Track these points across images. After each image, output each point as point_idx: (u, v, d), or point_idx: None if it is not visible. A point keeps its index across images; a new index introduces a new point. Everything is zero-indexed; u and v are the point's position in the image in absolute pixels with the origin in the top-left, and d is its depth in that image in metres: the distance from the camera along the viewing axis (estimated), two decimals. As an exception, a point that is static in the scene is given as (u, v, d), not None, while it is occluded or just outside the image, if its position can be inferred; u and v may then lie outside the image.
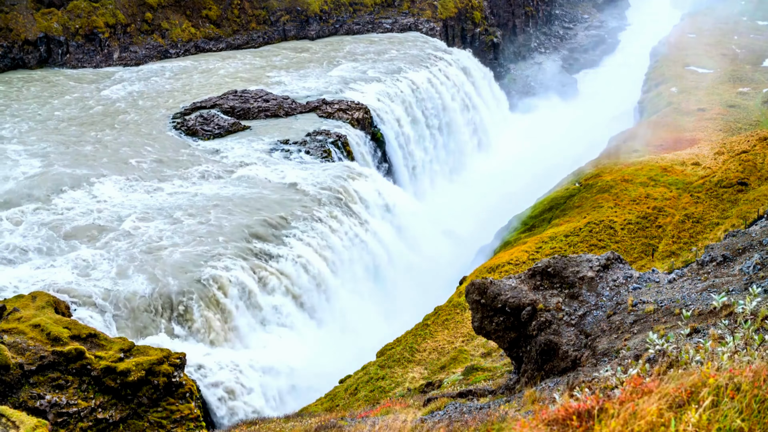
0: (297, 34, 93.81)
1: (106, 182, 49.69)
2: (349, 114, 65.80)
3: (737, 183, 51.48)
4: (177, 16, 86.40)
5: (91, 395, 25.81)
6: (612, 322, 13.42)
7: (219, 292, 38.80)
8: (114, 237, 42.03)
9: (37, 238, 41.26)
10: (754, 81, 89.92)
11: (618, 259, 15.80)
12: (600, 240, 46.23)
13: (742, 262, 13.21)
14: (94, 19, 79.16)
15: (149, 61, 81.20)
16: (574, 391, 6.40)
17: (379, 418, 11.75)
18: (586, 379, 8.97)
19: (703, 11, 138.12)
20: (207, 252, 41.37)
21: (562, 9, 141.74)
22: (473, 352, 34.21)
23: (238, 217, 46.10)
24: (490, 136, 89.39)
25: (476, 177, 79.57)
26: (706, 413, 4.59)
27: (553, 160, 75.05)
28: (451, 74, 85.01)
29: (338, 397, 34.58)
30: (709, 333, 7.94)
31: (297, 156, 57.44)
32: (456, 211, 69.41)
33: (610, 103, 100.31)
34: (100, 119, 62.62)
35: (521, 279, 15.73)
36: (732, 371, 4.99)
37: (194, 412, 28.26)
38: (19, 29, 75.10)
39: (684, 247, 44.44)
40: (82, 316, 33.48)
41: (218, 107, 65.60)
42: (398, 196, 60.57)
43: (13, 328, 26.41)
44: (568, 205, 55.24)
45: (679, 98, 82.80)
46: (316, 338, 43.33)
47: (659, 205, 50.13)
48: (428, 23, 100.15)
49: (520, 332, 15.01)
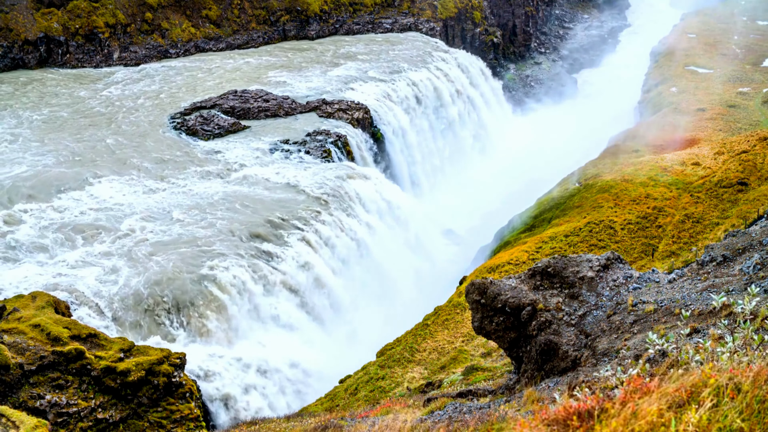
0: (297, 34, 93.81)
1: (106, 182, 49.70)
2: (349, 114, 65.80)
3: (737, 183, 51.47)
4: (177, 16, 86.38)
5: (91, 395, 25.81)
6: (612, 322, 13.42)
7: (219, 291, 38.79)
8: (114, 237, 42.03)
9: (37, 237, 41.26)
10: (754, 81, 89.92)
11: (618, 259, 15.80)
12: (600, 240, 46.22)
13: (742, 262, 13.20)
14: (94, 19, 79.15)
15: (149, 61, 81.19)
16: (575, 391, 6.40)
17: (379, 418, 11.75)
18: (586, 379, 8.97)
19: (703, 11, 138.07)
20: (207, 252, 41.37)
21: (562, 9, 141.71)
22: (473, 352, 34.21)
23: (238, 217, 46.10)
24: (490, 136, 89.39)
25: (476, 177, 79.57)
26: (707, 413, 4.59)
27: (553, 160, 75.05)
28: (451, 74, 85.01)
29: (338, 397, 34.57)
30: (709, 333, 7.94)
31: (297, 156, 57.44)
32: (456, 211, 69.42)
33: (610, 103, 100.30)
34: (100, 119, 62.61)
35: (521, 279, 15.73)
36: (732, 371, 4.99)
37: (194, 412, 28.26)
38: (19, 29, 75.08)
39: (684, 247, 44.43)
40: (82, 316, 33.48)
41: (218, 107, 65.60)
42: (398, 196, 60.55)
43: (13, 328, 26.41)
44: (568, 205, 55.22)
45: (679, 98, 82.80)
46: (316, 338, 43.33)
47: (659, 205, 50.13)
48: (428, 23, 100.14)
49: (520, 332, 15.01)
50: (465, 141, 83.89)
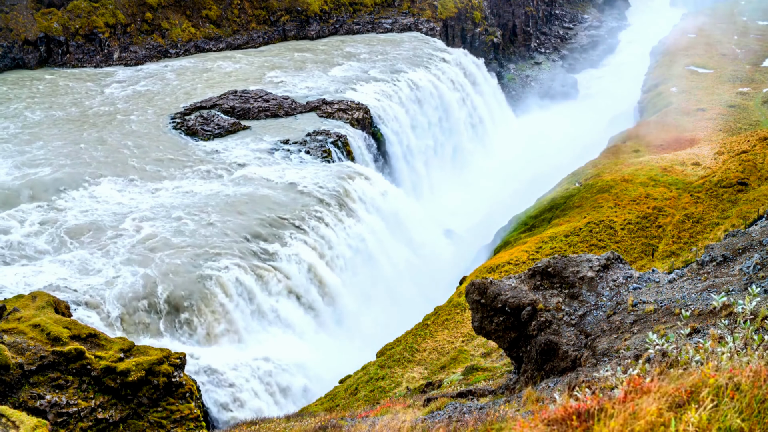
0: (297, 34, 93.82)
1: (106, 182, 49.72)
2: (349, 114, 65.80)
3: (737, 183, 51.45)
4: (177, 16, 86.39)
5: (91, 395, 25.81)
6: (612, 322, 13.42)
7: (219, 291, 38.80)
8: (114, 237, 42.03)
9: (38, 238, 41.26)
10: (754, 81, 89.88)
11: (618, 259, 15.80)
12: (600, 240, 46.21)
13: (742, 262, 13.20)
14: (94, 19, 79.15)
15: (149, 61, 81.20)
16: (574, 391, 6.40)
17: (379, 418, 11.75)
18: (586, 379, 8.97)
19: (703, 11, 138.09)
20: (207, 252, 41.38)
21: (562, 9, 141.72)
22: (473, 352, 34.20)
23: (238, 216, 46.11)
24: (490, 135, 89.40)
25: (476, 177, 79.58)
26: (706, 413, 4.58)
27: (553, 160, 75.05)
28: (451, 74, 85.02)
29: (338, 397, 34.56)
30: (709, 333, 7.94)
31: (297, 156, 57.45)
32: (456, 211, 69.42)
33: (610, 103, 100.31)
34: (100, 119, 62.62)
35: (521, 279, 15.73)
36: (732, 371, 4.99)
37: (194, 412, 28.26)
38: (19, 29, 75.09)
39: (684, 247, 44.42)
40: (82, 316, 33.47)
41: (218, 107, 65.60)
42: (398, 196, 60.56)
43: (13, 328, 26.41)
44: (568, 205, 55.20)
45: (679, 98, 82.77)
46: (316, 338, 43.33)
47: (659, 205, 50.11)
48: (428, 23, 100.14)
49: (520, 332, 15.01)
50: (465, 141, 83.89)
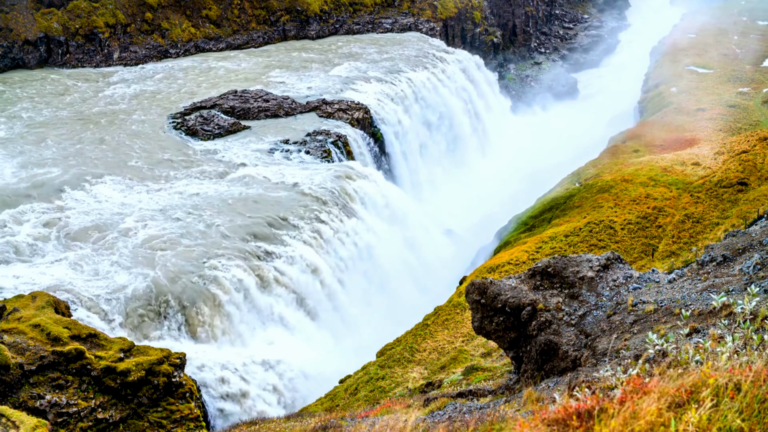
0: (297, 34, 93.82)
1: (106, 182, 49.72)
2: (349, 114, 65.79)
3: (737, 183, 51.45)
4: (177, 16, 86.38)
5: (91, 395, 25.81)
6: (612, 322, 13.42)
7: (219, 291, 38.79)
8: (114, 237, 42.03)
9: (38, 237, 41.26)
10: (754, 81, 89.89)
11: (618, 259, 15.80)
12: (600, 240, 46.21)
13: (742, 262, 13.20)
14: (94, 19, 79.15)
15: (149, 61, 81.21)
16: (574, 391, 6.40)
17: (379, 418, 11.75)
18: (586, 379, 8.97)
19: (703, 11, 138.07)
20: (207, 252, 41.38)
21: (562, 9, 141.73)
22: (473, 352, 34.20)
23: (238, 217, 46.10)
24: (490, 135, 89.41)
25: (476, 177, 79.60)
26: (706, 413, 4.58)
27: (553, 160, 75.05)
28: (451, 74, 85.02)
29: (338, 397, 34.56)
30: (709, 333, 7.94)
31: (297, 156, 57.45)
32: (456, 211, 69.41)
33: (610, 103, 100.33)
34: (100, 119, 62.62)
35: (521, 279, 15.73)
36: (732, 371, 4.99)
37: (194, 412, 28.26)
38: (19, 29, 75.08)
39: (684, 247, 44.42)
40: (82, 316, 33.47)
41: (218, 107, 65.60)
42: (398, 196, 60.56)
43: (13, 328, 26.41)
44: (568, 205, 55.20)
45: (679, 98, 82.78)
46: (316, 338, 43.33)
47: (659, 205, 50.11)
48: (428, 23, 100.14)
49: (520, 332, 15.01)
50: (465, 141, 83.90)
